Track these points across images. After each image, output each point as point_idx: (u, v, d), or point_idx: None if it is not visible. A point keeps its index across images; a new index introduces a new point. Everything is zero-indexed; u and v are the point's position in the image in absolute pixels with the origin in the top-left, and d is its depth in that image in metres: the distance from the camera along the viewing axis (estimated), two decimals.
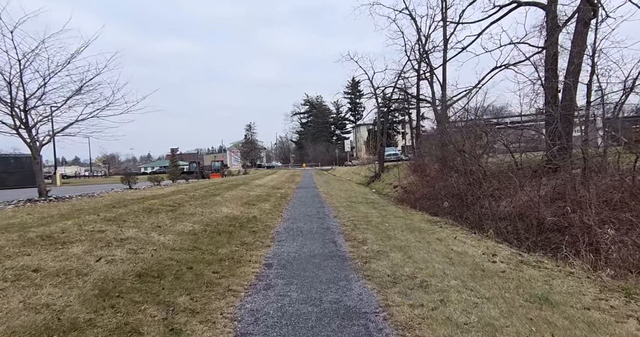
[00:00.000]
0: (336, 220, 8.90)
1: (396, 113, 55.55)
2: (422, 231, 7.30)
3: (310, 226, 8.19)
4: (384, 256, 5.28)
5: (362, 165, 42.61)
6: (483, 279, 4.28)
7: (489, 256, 5.48)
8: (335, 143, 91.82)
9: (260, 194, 15.74)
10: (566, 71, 9.52)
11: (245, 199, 13.13)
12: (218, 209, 9.63)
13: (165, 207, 8.80)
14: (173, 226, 6.91)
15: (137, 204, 8.66)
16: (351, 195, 16.10)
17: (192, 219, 7.86)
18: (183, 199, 10.69)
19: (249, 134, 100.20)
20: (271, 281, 4.42)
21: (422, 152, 23.57)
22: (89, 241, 5.00)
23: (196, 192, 13.07)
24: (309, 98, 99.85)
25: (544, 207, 8.14)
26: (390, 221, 8.64)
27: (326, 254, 5.69)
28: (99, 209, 7.57)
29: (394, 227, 7.71)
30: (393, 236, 6.74)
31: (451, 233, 7.34)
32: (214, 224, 7.64)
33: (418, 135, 23.70)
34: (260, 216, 9.35)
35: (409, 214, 10.36)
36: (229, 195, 13.74)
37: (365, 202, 13.07)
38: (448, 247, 5.90)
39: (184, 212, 8.50)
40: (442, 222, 8.88)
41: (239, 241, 6.42)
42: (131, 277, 3.92)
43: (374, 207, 11.52)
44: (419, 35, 18.42)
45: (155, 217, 7.48)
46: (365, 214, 9.80)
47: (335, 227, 7.90)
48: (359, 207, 11.45)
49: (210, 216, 8.46)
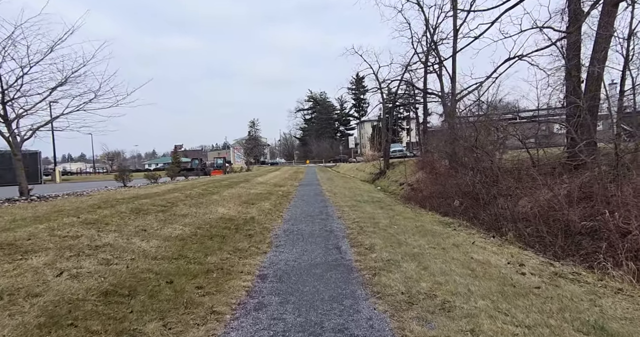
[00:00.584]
0: (340, 221, 8.22)
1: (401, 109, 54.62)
2: (435, 235, 6.60)
3: (312, 228, 7.52)
4: (396, 267, 4.60)
5: (366, 162, 41.85)
6: (516, 297, 3.58)
7: (516, 266, 4.77)
8: (339, 140, 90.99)
9: (261, 192, 15.10)
10: (591, 59, 8.72)
11: (244, 197, 12.49)
12: (213, 209, 8.99)
13: (156, 208, 8.17)
14: (160, 229, 6.26)
15: (126, 204, 8.03)
16: (356, 193, 15.41)
17: (183, 220, 7.21)
18: (177, 198, 10.06)
19: (253, 131, 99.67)
20: (264, 299, 3.76)
21: (429, 149, 22.80)
22: (57, 249, 4.36)
23: (193, 191, 12.44)
24: (312, 94, 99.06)
25: (568, 208, 7.40)
26: (399, 222, 7.94)
27: (329, 263, 5.01)
28: (82, 210, 6.95)
29: (403, 230, 7.01)
30: (404, 241, 6.04)
31: (467, 237, 6.63)
32: (206, 226, 6.99)
33: (425, 131, 22.91)
34: (258, 217, 8.69)
35: (418, 215, 9.65)
36: (228, 193, 13.10)
37: (371, 201, 12.38)
38: (467, 255, 5.20)
39: (176, 213, 7.86)
40: (456, 223, 8.16)
41: (232, 246, 5.76)
42: (95, 296, 3.27)
43: (381, 207, 10.82)
44: (427, 26, 17.60)
45: (143, 219, 6.84)
46: (371, 214, 9.11)
47: (339, 230, 7.22)
48: (365, 206, 10.76)
49: (203, 217, 7.82)
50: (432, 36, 17.42)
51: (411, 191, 18.24)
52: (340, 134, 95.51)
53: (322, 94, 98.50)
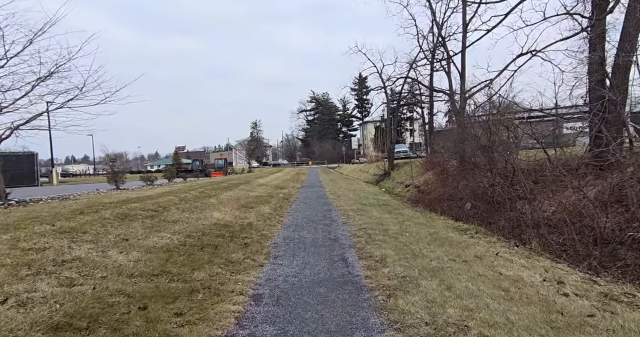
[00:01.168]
0: (346, 227, 7.53)
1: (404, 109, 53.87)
2: (452, 244, 5.89)
3: (314, 236, 6.83)
4: (414, 286, 3.90)
5: (370, 163, 41.14)
6: (570, 331, 2.88)
7: (554, 284, 4.06)
8: (342, 140, 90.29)
9: (261, 194, 14.43)
10: (617, 49, 8.00)
11: (243, 200, 11.82)
12: (208, 214, 8.31)
13: (145, 213, 7.50)
14: (145, 238, 5.59)
15: (112, 209, 7.36)
16: (360, 195, 14.70)
17: (172, 227, 6.54)
18: (171, 202, 9.39)
19: (255, 132, 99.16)
20: (257, 329, 3.07)
21: (436, 149, 22.07)
22: (13, 266, 3.70)
23: (189, 194, 11.78)
24: (315, 95, 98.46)
25: (599, 213, 6.67)
26: (410, 229, 7.23)
27: (335, 279, 4.32)
28: (61, 216, 6.29)
29: (416, 238, 6.31)
30: (419, 251, 5.34)
31: (489, 247, 5.92)
32: (198, 234, 6.31)
33: (431, 131, 22.18)
34: (257, 223, 8.01)
35: (429, 220, 8.94)
36: (226, 196, 12.43)
37: (377, 205, 11.67)
38: (494, 270, 4.49)
39: (166, 219, 7.18)
40: (472, 230, 7.44)
41: (224, 258, 5.08)
42: (41, 332, 2.59)
43: (388, 211, 10.11)
44: (434, 21, 16.85)
45: (127, 226, 6.17)
46: (379, 219, 8.41)
47: (345, 238, 6.53)
48: (371, 210, 10.06)
49: (196, 224, 7.14)
50: (440, 31, 16.70)
51: (418, 193, 17.52)
52: (343, 135, 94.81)
53: (325, 95, 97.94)
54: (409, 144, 67.13)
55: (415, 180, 18.70)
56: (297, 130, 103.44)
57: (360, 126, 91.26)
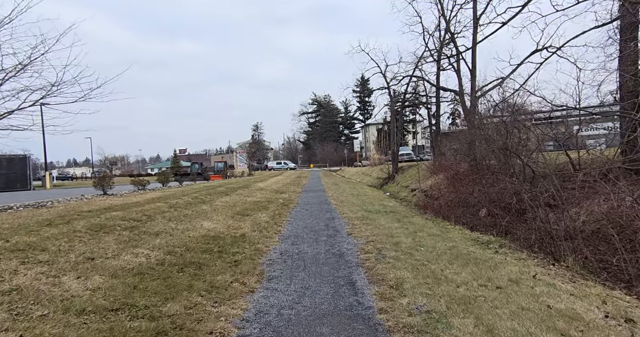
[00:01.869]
0: (351, 239, 6.66)
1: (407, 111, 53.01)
2: (478, 262, 5.01)
3: (316, 250, 5.97)
4: (444, 327, 3.03)
5: (372, 166, 40.29)
6: None
7: (622, 324, 3.20)
8: (344, 143, 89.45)
9: (259, 200, 13.57)
10: None
11: (239, 207, 10.97)
12: (198, 224, 7.46)
13: (126, 223, 6.66)
14: (116, 256, 4.74)
15: (88, 219, 6.53)
16: (365, 201, 13.83)
17: (153, 242, 5.69)
18: (158, 210, 8.55)
19: (256, 134, 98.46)
20: None
21: (443, 151, 21.21)
22: None
23: (181, 199, 10.94)
24: (316, 97, 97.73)
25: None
26: (424, 241, 6.36)
27: (341, 312, 3.46)
28: (24, 228, 5.46)
29: (435, 254, 5.43)
30: (440, 273, 4.47)
31: (521, 266, 5.04)
32: (181, 249, 5.46)
33: (438, 133, 21.30)
34: (251, 234, 7.15)
35: (443, 230, 8.06)
36: (221, 202, 11.59)
37: (384, 211, 10.80)
38: (539, 301, 3.62)
39: (148, 231, 6.34)
40: (495, 243, 6.57)
41: (208, 281, 4.22)
42: None
43: (397, 219, 9.24)
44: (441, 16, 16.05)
45: (99, 240, 5.33)
46: (388, 229, 7.53)
47: (351, 253, 5.66)
48: (378, 218, 9.19)
49: (182, 236, 6.29)
50: (448, 26, 15.86)
51: (426, 198, 16.65)
52: (345, 138, 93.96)
53: (327, 97, 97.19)
54: (412, 146, 66.24)
55: (422, 184, 17.81)
56: (299, 133, 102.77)
57: (362, 129, 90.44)
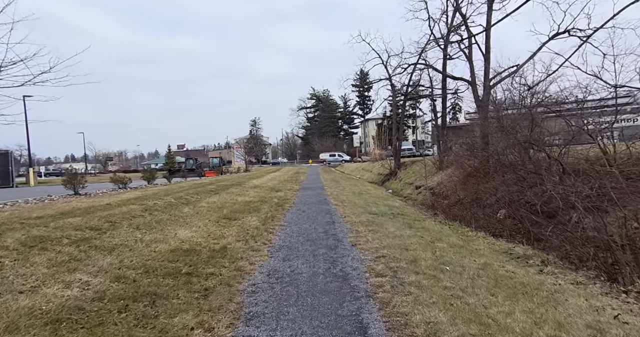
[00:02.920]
0: (356, 253, 5.42)
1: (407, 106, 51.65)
2: (527, 291, 3.78)
3: (313, 269, 4.73)
4: None
5: (373, 161, 39.01)
6: None
7: None
8: (343, 138, 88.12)
9: (252, 199, 12.32)
10: None
11: (228, 208, 9.72)
12: (171, 233, 6.21)
13: (78, 234, 5.40)
14: (36, 288, 3.48)
15: (29, 229, 5.27)
16: (368, 201, 12.59)
17: (101, 262, 4.43)
18: (129, 214, 7.29)
19: (254, 130, 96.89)
20: None
21: (449, 146, 19.97)
22: None
23: (162, 200, 9.69)
24: (315, 92, 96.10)
25: None
26: (448, 257, 5.12)
27: None
28: None
29: (467, 278, 4.19)
30: (484, 313, 3.23)
31: (585, 295, 3.81)
32: (137, 272, 4.20)
33: (444, 126, 20.01)
34: (235, 245, 5.90)
35: (464, 238, 6.83)
36: (208, 203, 10.34)
37: (390, 213, 9.56)
38: None
39: (101, 245, 5.07)
40: (535, 257, 5.33)
41: (158, 329, 2.97)
42: None
43: (407, 224, 8.01)
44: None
45: (25, 261, 4.07)
46: (399, 239, 6.29)
47: (357, 275, 4.42)
48: (385, 223, 7.94)
49: (144, 251, 5.03)
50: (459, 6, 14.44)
51: (432, 197, 15.43)
52: (344, 133, 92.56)
53: (325, 92, 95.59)
54: (411, 141, 64.97)
55: (428, 181, 16.56)
56: (297, 128, 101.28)
57: (361, 124, 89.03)
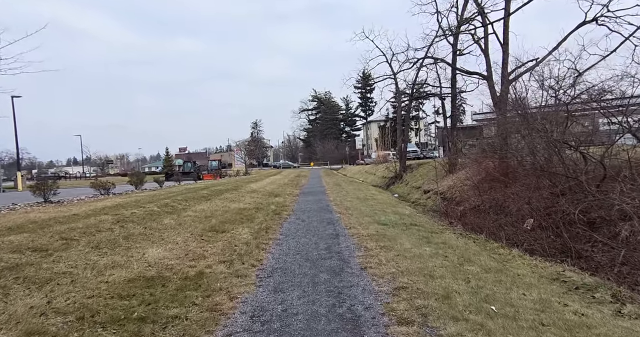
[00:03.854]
0: (368, 282, 4.24)
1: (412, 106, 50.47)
2: None
3: (312, 308, 3.55)
4: None
5: (376, 164, 37.82)
6: None
7: None
8: (345, 140, 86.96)
9: (247, 206, 11.16)
10: None
11: (217, 217, 8.57)
12: (138, 253, 5.04)
13: (15, 257, 4.25)
14: None
15: None
16: (374, 207, 11.39)
17: (19, 303, 3.24)
18: (94, 228, 6.14)
19: (255, 132, 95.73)
20: None
21: (459, 148, 18.78)
22: None
23: (142, 209, 8.54)
24: (317, 94, 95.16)
25: None
26: (488, 289, 3.93)
27: None
28: None
29: (528, 327, 3.00)
30: None
31: None
32: (66, 319, 3.03)
33: (454, 126, 18.81)
34: (215, 269, 4.72)
35: (497, 257, 5.63)
36: (195, 211, 9.19)
37: (402, 224, 8.37)
38: None
39: (35, 275, 3.91)
40: (600, 288, 4.13)
41: None
42: None
43: (424, 237, 6.82)
44: None
45: None
46: (419, 259, 5.10)
47: (372, 322, 3.23)
48: (399, 236, 6.75)
49: (91, 283, 3.86)
50: None
51: (444, 202, 14.22)
52: (346, 135, 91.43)
53: (327, 94, 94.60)
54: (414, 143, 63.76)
55: (438, 185, 15.35)
56: (299, 131, 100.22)
57: (363, 126, 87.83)
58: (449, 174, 17.66)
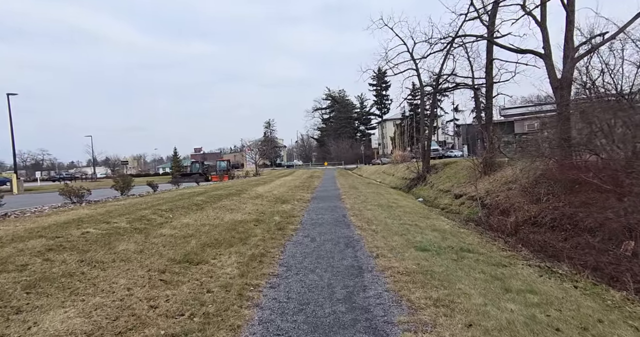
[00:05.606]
0: None
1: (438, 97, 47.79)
2: None
3: None
4: None
5: (394, 163, 35.35)
6: None
7: None
8: (360, 140, 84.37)
9: (245, 218, 9.09)
10: None
11: (200, 238, 6.51)
12: (22, 327, 2.97)
13: None
14: None
15: None
16: (403, 219, 9.12)
17: None
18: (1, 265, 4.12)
19: (268, 132, 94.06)
20: None
21: (496, 145, 16.27)
22: None
23: (103, 226, 6.55)
24: (330, 92, 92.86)
25: None
26: None
27: None
28: None
29: None
30: None
31: None
32: None
33: (490, 119, 16.30)
34: None
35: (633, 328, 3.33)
36: (174, 228, 7.15)
37: (449, 248, 6.10)
38: None
39: None
40: None
41: None
42: None
43: (492, 276, 4.56)
44: None
45: None
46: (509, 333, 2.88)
47: None
48: (454, 275, 4.50)
49: None
50: None
51: (483, 210, 11.83)
52: (361, 134, 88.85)
53: (341, 92, 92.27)
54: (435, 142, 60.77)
55: (478, 189, 12.92)
56: (312, 130, 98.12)
57: (378, 125, 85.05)
58: (483, 175, 15.21)
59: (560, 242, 7.45)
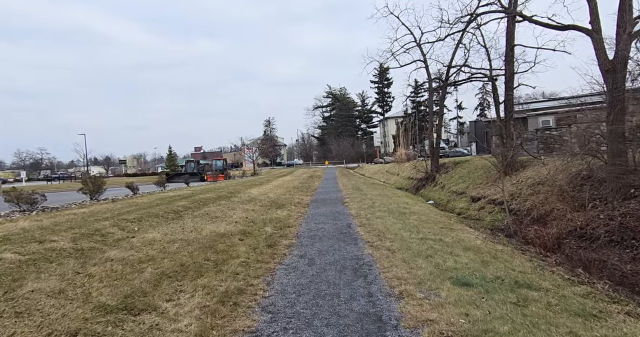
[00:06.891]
0: None
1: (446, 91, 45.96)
2: None
3: None
4: None
5: (399, 162, 33.64)
6: None
7: None
8: (361, 138, 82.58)
9: (229, 230, 7.45)
10: None
11: (160, 264, 4.88)
12: None
13: None
14: None
15: None
16: (423, 231, 7.44)
17: None
18: None
19: (268, 130, 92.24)
20: None
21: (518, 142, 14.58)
22: None
23: (31, 247, 4.94)
24: (331, 90, 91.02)
25: None
26: None
27: None
28: None
29: None
30: None
31: None
32: None
33: (510, 115, 14.54)
34: None
35: None
36: (131, 248, 5.52)
37: (497, 280, 4.46)
38: None
39: None
40: None
41: None
42: None
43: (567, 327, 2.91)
44: None
45: None
46: None
47: None
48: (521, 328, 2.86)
49: None
50: None
51: (511, 216, 10.16)
52: (362, 132, 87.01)
53: (342, 90, 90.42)
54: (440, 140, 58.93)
55: (503, 191, 11.23)
56: (313, 128, 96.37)
57: (380, 123, 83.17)
58: (504, 176, 13.53)
59: (629, 264, 5.81)
